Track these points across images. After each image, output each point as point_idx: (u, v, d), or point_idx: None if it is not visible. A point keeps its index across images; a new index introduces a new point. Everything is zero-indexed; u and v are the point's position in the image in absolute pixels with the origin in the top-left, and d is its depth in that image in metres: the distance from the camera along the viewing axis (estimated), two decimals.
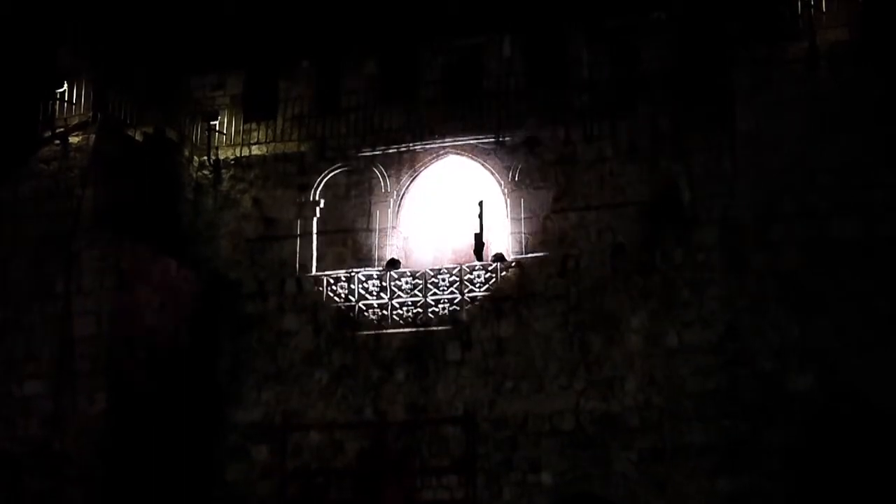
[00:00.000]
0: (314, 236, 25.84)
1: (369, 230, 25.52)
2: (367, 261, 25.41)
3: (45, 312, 24.05)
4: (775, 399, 21.59)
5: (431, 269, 24.96)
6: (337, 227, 25.76)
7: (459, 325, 24.45)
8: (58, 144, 24.87)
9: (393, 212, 25.49)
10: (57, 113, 25.18)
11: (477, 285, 24.50)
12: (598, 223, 24.12)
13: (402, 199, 25.57)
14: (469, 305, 24.49)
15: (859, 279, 21.51)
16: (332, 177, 26.04)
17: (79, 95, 25.09)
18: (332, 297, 25.24)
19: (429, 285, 24.80)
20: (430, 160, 25.53)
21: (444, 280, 24.75)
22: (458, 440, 23.92)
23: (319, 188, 26.00)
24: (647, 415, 23.05)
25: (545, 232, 24.44)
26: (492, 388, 23.99)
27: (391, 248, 25.39)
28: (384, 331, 24.82)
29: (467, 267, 24.72)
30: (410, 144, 25.59)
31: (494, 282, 24.44)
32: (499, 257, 24.62)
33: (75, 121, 24.96)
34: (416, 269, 25.09)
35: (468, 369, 24.22)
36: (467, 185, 25.59)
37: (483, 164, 25.20)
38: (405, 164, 25.59)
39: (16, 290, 24.39)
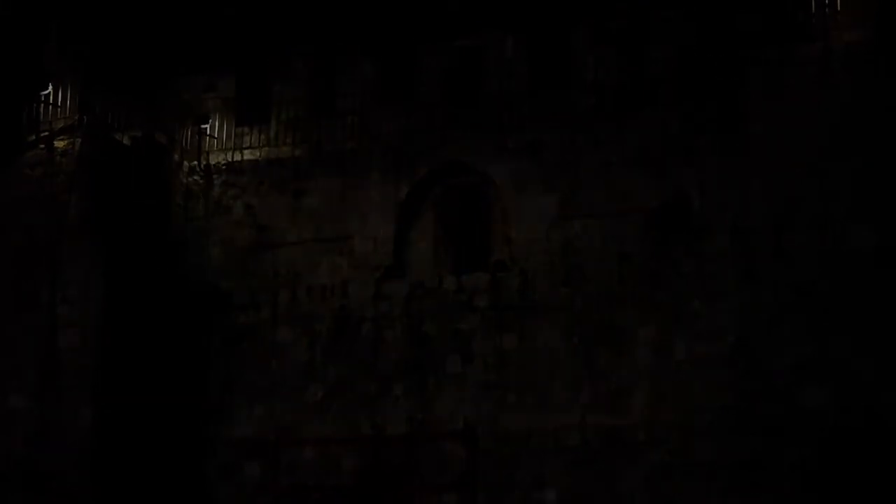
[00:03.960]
0: (309, 244, 25.40)
1: (366, 237, 25.10)
2: (363, 269, 24.99)
3: (30, 323, 23.97)
4: (789, 415, 21.37)
5: (431, 278, 24.58)
6: (332, 234, 25.35)
7: (460, 336, 24.08)
8: (43, 149, 24.74)
9: (391, 218, 25.01)
10: (42, 116, 25.09)
11: (478, 295, 24.13)
12: (605, 231, 23.69)
13: (400, 204, 25.06)
14: (470, 316, 24.11)
15: (878, 290, 21.18)
16: (327, 182, 25.58)
17: (64, 98, 24.97)
18: (328, 308, 24.88)
19: (428, 294, 24.43)
20: (430, 164, 25.05)
21: (444, 289, 24.40)
22: (459, 456, 23.65)
23: (314, 194, 25.60)
24: (656, 430, 22.68)
25: (549, 240, 24.01)
26: (494, 403, 23.67)
27: (389, 255, 24.91)
28: (382, 342, 24.49)
29: (468, 276, 24.33)
30: (409, 148, 25.12)
31: (496, 291, 24.03)
32: (501, 266, 24.18)
33: (61, 124, 24.84)
34: (414, 278, 24.70)
35: (469, 382, 23.90)
36: (468, 189, 25.15)
37: (484, 169, 24.74)
38: (403, 169, 25.13)
39: None
